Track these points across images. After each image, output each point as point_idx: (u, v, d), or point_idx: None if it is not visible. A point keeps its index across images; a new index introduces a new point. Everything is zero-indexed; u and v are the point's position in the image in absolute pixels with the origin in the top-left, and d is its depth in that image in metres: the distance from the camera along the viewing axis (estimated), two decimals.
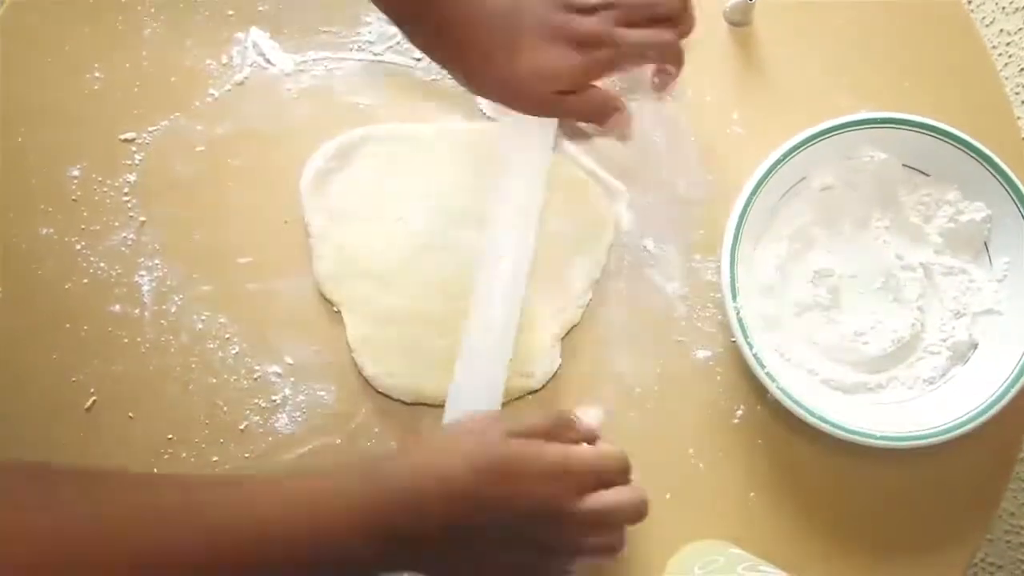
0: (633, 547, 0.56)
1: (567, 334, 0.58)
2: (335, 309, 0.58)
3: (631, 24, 0.52)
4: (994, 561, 1.03)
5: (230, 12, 0.62)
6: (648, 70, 0.57)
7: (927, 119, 0.56)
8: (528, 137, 0.57)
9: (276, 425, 0.57)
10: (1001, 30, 1.12)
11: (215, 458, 0.56)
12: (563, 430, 0.49)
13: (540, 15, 0.51)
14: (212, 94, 0.61)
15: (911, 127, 0.56)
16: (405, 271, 0.58)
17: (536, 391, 0.57)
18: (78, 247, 0.59)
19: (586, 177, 0.60)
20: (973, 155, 0.55)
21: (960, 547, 0.57)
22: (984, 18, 1.13)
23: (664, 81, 0.56)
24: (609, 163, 0.60)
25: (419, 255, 0.58)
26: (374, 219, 0.59)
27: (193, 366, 0.57)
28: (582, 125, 0.60)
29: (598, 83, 0.53)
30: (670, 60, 0.54)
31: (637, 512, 0.48)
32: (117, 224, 0.59)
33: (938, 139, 0.55)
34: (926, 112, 0.56)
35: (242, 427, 0.57)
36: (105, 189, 0.59)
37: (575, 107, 0.53)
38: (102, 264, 0.58)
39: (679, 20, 0.54)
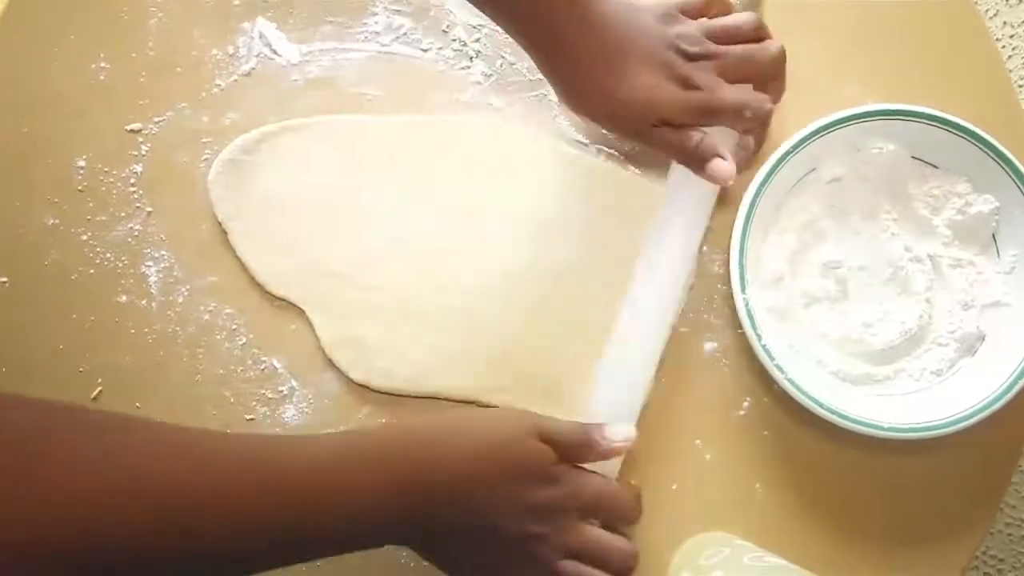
0: (639, 538, 0.56)
1: None
2: (293, 305, 0.58)
3: (727, 78, 0.53)
4: (995, 554, 1.04)
5: (236, 2, 0.62)
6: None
7: (936, 111, 0.55)
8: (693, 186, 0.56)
9: (284, 416, 0.57)
10: (1004, 22, 1.12)
11: None
12: (585, 448, 0.50)
13: (649, 46, 0.52)
14: (219, 84, 0.61)
15: (920, 119, 0.55)
16: (376, 266, 0.58)
17: None
18: (84, 238, 0.58)
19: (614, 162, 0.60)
20: (982, 146, 0.55)
21: (964, 539, 0.57)
22: (987, 10, 1.13)
23: (742, 157, 0.55)
24: (617, 157, 0.60)
25: (390, 249, 0.58)
26: (332, 213, 0.59)
27: (200, 357, 0.57)
28: None
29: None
30: (758, 127, 0.55)
31: (623, 565, 0.51)
32: (123, 215, 0.59)
33: (947, 131, 0.55)
34: (934, 104, 0.56)
35: (249, 418, 0.57)
36: (111, 180, 0.59)
37: (670, 140, 0.53)
38: (108, 255, 0.58)
39: (771, 86, 0.55)
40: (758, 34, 0.55)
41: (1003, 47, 1.13)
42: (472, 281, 0.58)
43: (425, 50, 0.61)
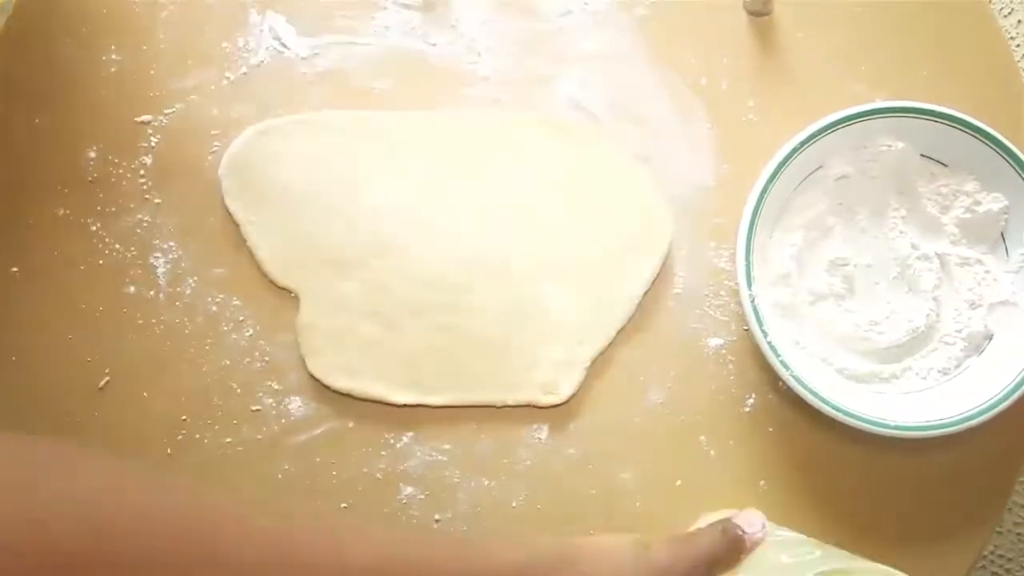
0: (640, 531, 0.56)
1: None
2: (292, 295, 0.58)
3: None
4: (1003, 554, 1.03)
5: None
6: None
7: (945, 108, 0.55)
8: None
9: (289, 407, 0.57)
10: (1019, 21, 1.11)
11: (228, 439, 0.56)
12: (733, 555, 0.49)
13: None
14: (228, 77, 0.61)
15: (929, 116, 0.55)
16: (379, 259, 0.58)
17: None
18: (94, 228, 0.59)
19: (634, 164, 0.60)
20: (991, 145, 0.55)
21: (971, 538, 0.57)
22: (1002, 8, 1.13)
23: None
24: (622, 150, 0.60)
25: (395, 243, 0.58)
26: (339, 205, 0.59)
27: (207, 348, 0.58)
28: None
29: None
30: None
31: None
32: (133, 206, 0.59)
33: (956, 128, 0.55)
34: (944, 101, 0.56)
35: (255, 409, 0.57)
36: (121, 171, 0.60)
37: None
38: (117, 246, 0.59)
39: None
40: None
41: (1017, 45, 1.12)
42: (471, 280, 0.58)
43: (433, 44, 0.61)
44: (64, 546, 0.37)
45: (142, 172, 0.60)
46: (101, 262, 0.59)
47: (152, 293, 0.58)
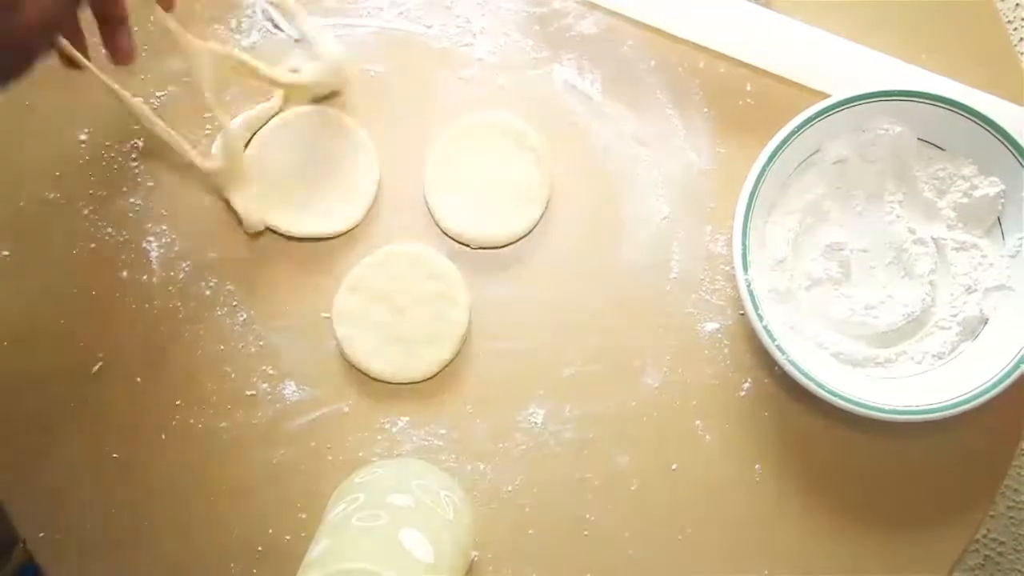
0: (639, 520, 0.56)
1: None
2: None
3: None
4: (996, 537, 1.04)
5: None
6: None
7: (943, 92, 0.55)
8: None
9: (284, 392, 0.57)
10: (1017, 4, 1.11)
11: (223, 424, 0.56)
12: None
13: None
14: None
15: (927, 100, 0.55)
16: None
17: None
18: (86, 212, 0.58)
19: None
20: (988, 129, 0.54)
21: (964, 521, 0.57)
22: None
23: None
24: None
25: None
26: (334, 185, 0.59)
27: (201, 333, 0.57)
28: None
29: None
30: None
31: None
32: (125, 189, 0.59)
33: (953, 112, 0.55)
34: (942, 85, 0.56)
35: (250, 393, 0.57)
36: (113, 154, 0.59)
37: None
38: (110, 229, 0.58)
39: None
40: None
41: (1015, 29, 1.11)
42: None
43: (428, 26, 0.61)
44: None
45: (134, 155, 0.59)
46: (93, 246, 0.58)
47: (145, 277, 0.58)
